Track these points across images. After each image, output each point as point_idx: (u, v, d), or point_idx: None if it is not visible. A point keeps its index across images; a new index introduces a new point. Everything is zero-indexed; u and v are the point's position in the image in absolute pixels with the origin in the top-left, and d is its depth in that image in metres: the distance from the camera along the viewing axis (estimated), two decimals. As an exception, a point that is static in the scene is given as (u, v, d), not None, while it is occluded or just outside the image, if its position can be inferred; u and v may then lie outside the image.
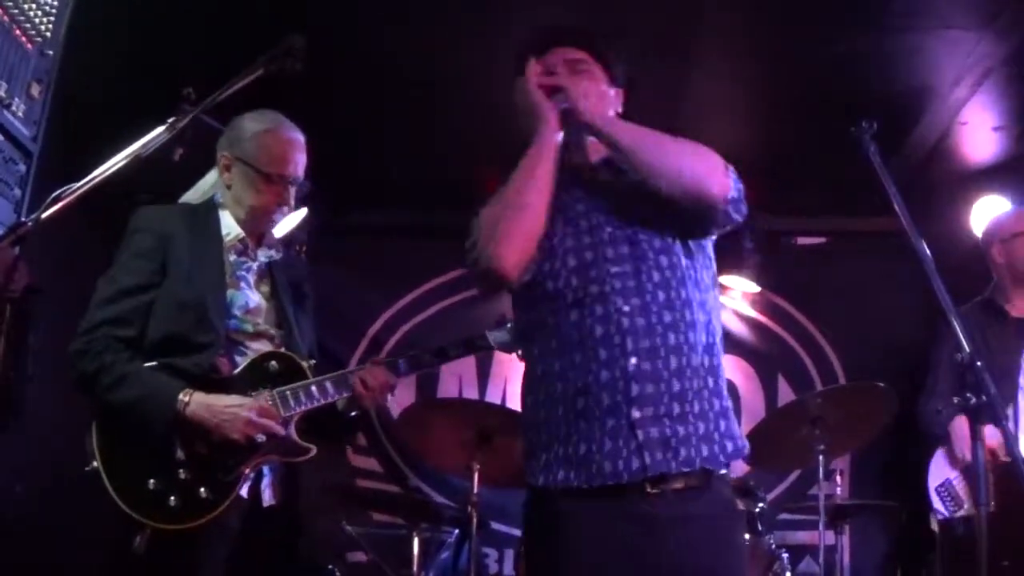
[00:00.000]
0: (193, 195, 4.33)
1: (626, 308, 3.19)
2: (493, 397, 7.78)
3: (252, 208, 4.10)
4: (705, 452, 3.14)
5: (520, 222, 3.26)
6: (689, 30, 5.70)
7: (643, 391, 3.12)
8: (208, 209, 4.16)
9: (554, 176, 3.31)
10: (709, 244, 3.50)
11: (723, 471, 3.23)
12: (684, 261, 3.35)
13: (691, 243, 3.40)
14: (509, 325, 4.56)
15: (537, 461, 3.24)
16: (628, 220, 3.36)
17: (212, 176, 4.28)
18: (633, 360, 3.13)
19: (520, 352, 3.55)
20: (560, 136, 3.36)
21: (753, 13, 5.56)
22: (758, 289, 7.75)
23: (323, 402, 4.01)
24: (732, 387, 7.61)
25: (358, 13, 5.64)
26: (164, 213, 4.09)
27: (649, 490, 3.08)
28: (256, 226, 4.15)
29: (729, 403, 3.31)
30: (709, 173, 3.29)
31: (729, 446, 3.22)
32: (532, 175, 3.29)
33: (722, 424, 3.23)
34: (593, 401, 3.13)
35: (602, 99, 3.48)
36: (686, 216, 3.33)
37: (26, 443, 4.39)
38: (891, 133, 3.59)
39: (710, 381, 3.25)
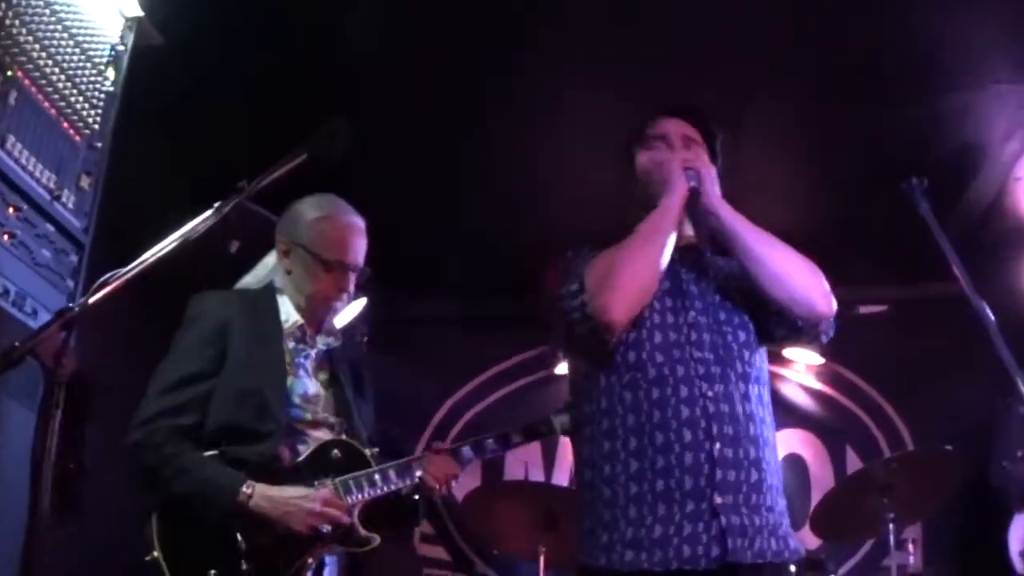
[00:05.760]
0: (252, 279, 4.20)
1: (710, 393, 3.19)
2: (560, 480, 7.77)
3: (311, 296, 3.99)
4: (773, 546, 3.15)
5: (638, 275, 3.25)
6: (738, 113, 5.72)
7: (726, 477, 3.12)
8: (267, 295, 4.06)
9: (672, 242, 3.33)
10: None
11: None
12: (759, 361, 3.39)
13: (761, 351, 3.44)
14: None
15: (596, 540, 3.20)
16: (714, 310, 3.40)
17: (271, 260, 4.18)
18: (718, 445, 3.13)
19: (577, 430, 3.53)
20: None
21: (801, 86, 5.62)
22: (822, 361, 7.71)
23: (386, 490, 3.89)
24: (800, 461, 7.58)
25: (415, 104, 5.77)
26: (222, 299, 3.98)
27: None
28: (315, 313, 4.03)
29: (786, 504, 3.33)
30: (820, 289, 3.35)
31: (792, 544, 3.22)
32: (656, 233, 3.30)
33: (784, 522, 3.25)
34: (675, 483, 3.11)
35: (717, 184, 3.50)
36: (784, 324, 3.39)
37: (85, 537, 4.39)
38: (945, 194, 3.58)
39: (776, 480, 3.28)
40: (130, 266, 2.87)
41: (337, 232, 4.01)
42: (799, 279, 3.33)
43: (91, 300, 2.78)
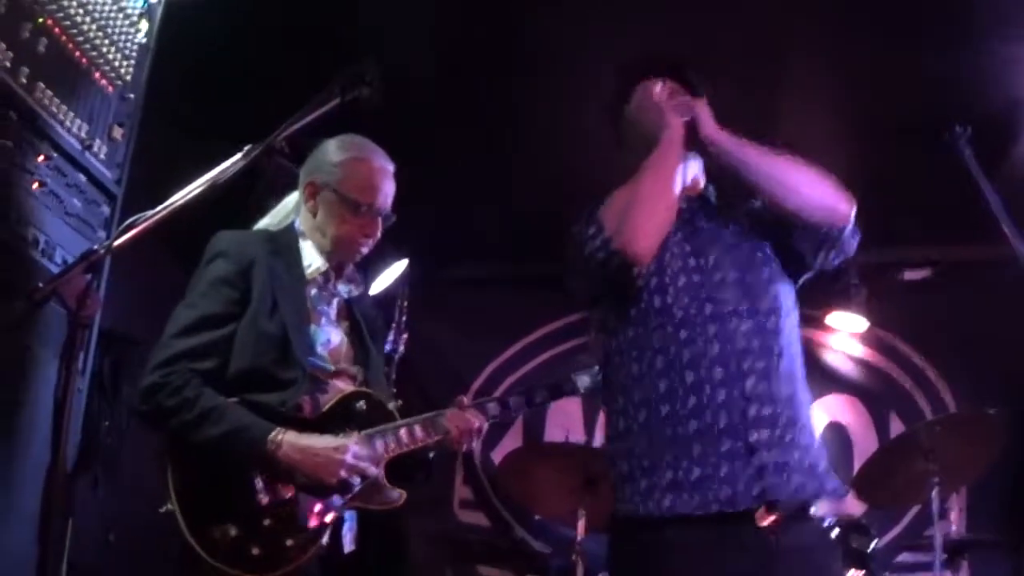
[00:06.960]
0: (271, 221, 4.05)
1: (743, 328, 3.19)
2: (601, 442, 7.66)
3: (337, 238, 3.83)
4: (809, 486, 3.11)
5: (657, 202, 3.26)
6: (778, 62, 5.66)
7: (760, 413, 3.10)
8: (290, 237, 3.90)
9: (680, 177, 3.34)
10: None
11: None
12: (785, 295, 3.36)
13: (789, 286, 3.41)
14: (596, 368, 4.33)
15: (635, 487, 3.17)
16: (734, 249, 3.38)
17: (291, 201, 4.04)
18: (751, 380, 3.12)
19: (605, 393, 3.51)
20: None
21: (842, 37, 5.55)
22: (866, 326, 7.61)
23: (412, 447, 3.75)
24: (842, 428, 7.51)
25: (456, 62, 5.81)
26: (246, 238, 3.83)
27: (760, 518, 3.03)
28: (339, 258, 3.90)
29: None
30: (834, 192, 3.33)
31: (828, 484, 3.19)
32: (664, 164, 3.31)
33: (821, 461, 3.21)
34: (710, 421, 3.09)
35: (711, 115, 3.47)
36: (809, 236, 3.35)
37: (118, 492, 4.37)
38: (991, 151, 3.53)
39: (809, 420, 3.25)
40: (157, 208, 2.84)
41: (369, 174, 3.88)
42: (813, 185, 3.32)
43: (117, 242, 2.75)
